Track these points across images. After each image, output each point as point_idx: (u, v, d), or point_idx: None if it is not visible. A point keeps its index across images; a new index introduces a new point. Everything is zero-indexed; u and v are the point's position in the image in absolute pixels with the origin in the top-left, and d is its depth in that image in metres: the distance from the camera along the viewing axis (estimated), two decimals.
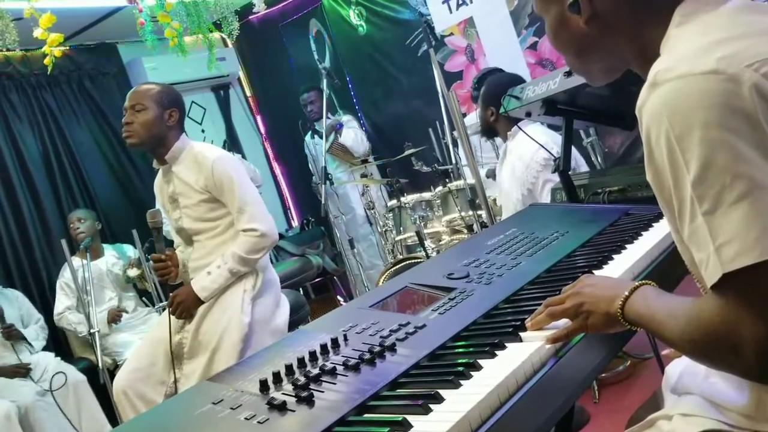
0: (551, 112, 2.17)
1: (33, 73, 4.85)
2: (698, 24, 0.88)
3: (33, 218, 4.64)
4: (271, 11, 5.84)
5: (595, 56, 1.03)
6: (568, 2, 0.97)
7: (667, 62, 0.83)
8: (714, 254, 0.76)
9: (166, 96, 2.55)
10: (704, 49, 0.81)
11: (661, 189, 0.85)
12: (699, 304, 0.83)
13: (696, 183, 0.77)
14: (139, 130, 2.50)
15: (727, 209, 0.75)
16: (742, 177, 0.74)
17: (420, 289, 1.45)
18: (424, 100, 4.89)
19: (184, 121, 2.63)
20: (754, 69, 0.77)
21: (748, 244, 0.73)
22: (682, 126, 0.78)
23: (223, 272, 2.47)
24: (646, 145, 0.85)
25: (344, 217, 5.05)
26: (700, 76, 0.78)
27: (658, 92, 0.81)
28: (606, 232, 1.65)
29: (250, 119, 6.40)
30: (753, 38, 0.81)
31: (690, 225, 0.79)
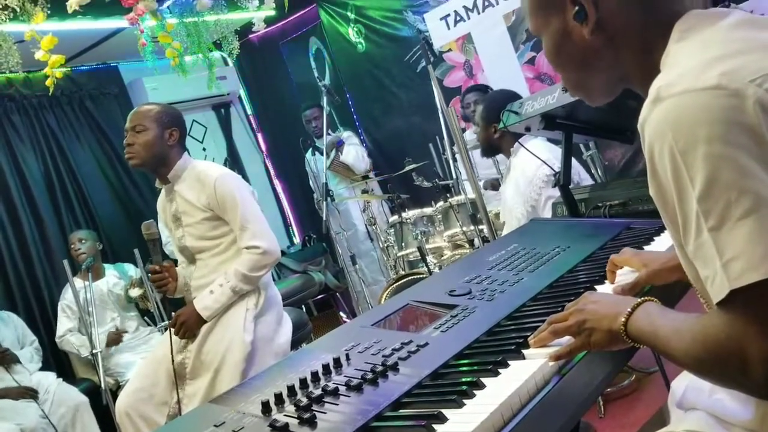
0: (550, 126, 2.18)
1: (35, 94, 4.87)
2: (698, 40, 0.88)
3: (35, 238, 4.65)
4: (271, 30, 5.88)
5: (597, 70, 1.02)
6: (574, 11, 0.97)
7: (668, 78, 0.83)
8: (721, 270, 0.76)
9: (166, 116, 2.56)
10: (706, 65, 0.81)
11: (664, 204, 0.85)
12: (705, 320, 0.82)
13: (701, 199, 0.77)
14: (140, 151, 2.52)
15: (734, 225, 0.74)
16: (747, 192, 0.74)
17: (422, 306, 1.44)
18: (424, 116, 4.91)
19: (185, 140, 2.65)
20: (757, 84, 0.77)
21: (754, 261, 0.73)
22: (686, 141, 0.78)
23: (225, 291, 2.47)
24: (649, 161, 0.84)
25: (346, 233, 5.04)
26: (703, 92, 0.78)
27: (661, 108, 0.81)
28: (607, 246, 1.64)
29: (251, 137, 6.43)
30: (754, 53, 0.81)
31: (695, 241, 0.79)
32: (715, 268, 0.76)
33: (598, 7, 0.95)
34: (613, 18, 0.95)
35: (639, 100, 0.95)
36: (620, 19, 0.95)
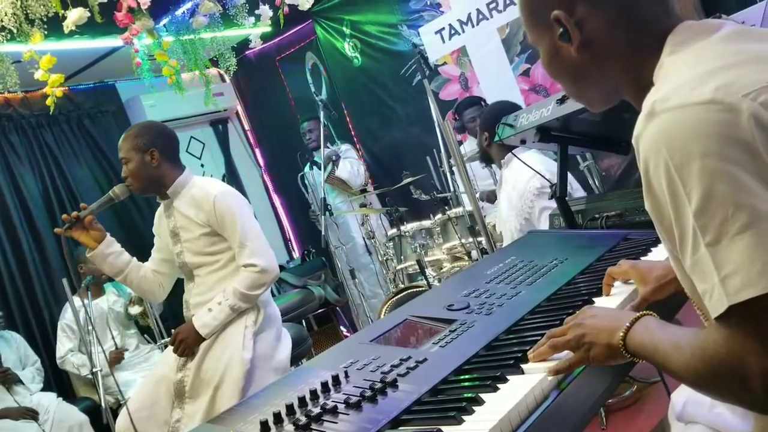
0: (545, 139, 2.18)
1: (33, 113, 4.89)
2: (691, 53, 0.88)
3: (34, 258, 4.65)
4: (268, 46, 5.91)
5: (590, 83, 1.04)
6: (559, 32, 0.98)
7: (662, 92, 0.84)
8: (719, 286, 0.76)
9: (142, 139, 2.54)
10: (699, 79, 0.81)
11: (660, 219, 0.85)
12: (704, 335, 0.82)
13: (698, 214, 0.77)
14: (133, 181, 2.56)
15: (731, 240, 0.75)
16: (744, 207, 0.74)
17: (420, 321, 1.44)
18: (421, 129, 4.93)
19: (175, 153, 2.61)
20: (752, 98, 0.77)
21: (752, 276, 0.73)
22: (681, 156, 0.78)
23: (224, 309, 2.46)
24: (644, 175, 0.85)
25: (345, 247, 5.05)
26: (698, 106, 0.78)
27: (656, 123, 0.82)
28: (605, 258, 1.65)
29: (249, 152, 6.44)
30: (747, 66, 0.81)
31: (693, 256, 0.79)
32: (713, 283, 0.77)
33: (582, 29, 0.96)
34: (599, 37, 0.96)
35: (633, 112, 0.95)
36: (606, 38, 0.96)
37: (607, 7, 0.95)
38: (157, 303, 2.83)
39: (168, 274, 2.74)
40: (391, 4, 5.13)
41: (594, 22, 0.96)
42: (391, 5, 5.14)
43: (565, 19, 0.96)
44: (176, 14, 4.49)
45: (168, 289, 2.78)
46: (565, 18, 0.96)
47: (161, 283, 2.75)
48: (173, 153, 2.61)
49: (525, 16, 1.05)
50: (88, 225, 2.56)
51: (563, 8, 0.96)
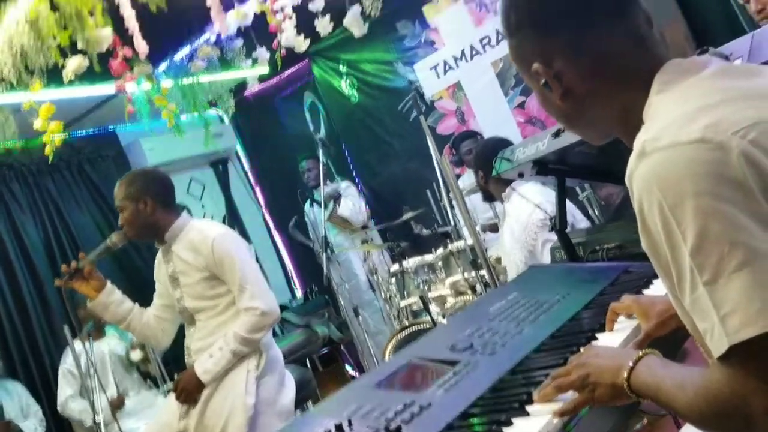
0: (543, 172, 2.19)
1: (33, 161, 4.91)
2: (679, 91, 0.89)
3: (35, 304, 4.63)
4: (266, 86, 5.97)
5: (581, 125, 1.06)
6: (541, 82, 1.00)
7: (652, 131, 0.84)
8: (718, 325, 0.75)
9: (134, 188, 2.55)
10: (688, 118, 0.82)
11: (657, 257, 0.85)
12: (707, 375, 0.82)
13: (694, 253, 0.77)
14: (129, 229, 2.57)
15: (728, 279, 0.74)
16: (739, 245, 0.74)
17: (424, 363, 1.43)
18: (420, 163, 4.94)
19: (169, 199, 2.60)
20: (741, 136, 0.77)
21: (751, 315, 0.73)
22: (674, 196, 0.78)
23: (225, 354, 2.44)
24: (639, 214, 0.85)
25: (347, 284, 5.03)
26: (688, 146, 0.79)
27: (647, 162, 0.82)
28: (607, 292, 1.64)
29: (249, 191, 6.46)
30: (735, 104, 0.82)
31: (691, 294, 0.79)
32: (712, 323, 0.76)
33: (562, 80, 0.97)
34: (579, 87, 0.98)
35: None
36: (587, 87, 0.97)
37: (583, 59, 0.96)
38: (160, 349, 2.81)
39: (171, 319, 2.72)
40: (386, 42, 5.21)
41: (572, 74, 0.97)
42: (386, 43, 5.21)
43: (543, 72, 0.98)
44: (174, 59, 4.56)
45: (172, 335, 2.76)
46: (543, 71, 0.98)
47: (164, 330, 2.73)
48: (167, 199, 2.59)
49: (514, 63, 1.07)
50: (87, 275, 2.56)
51: (542, 62, 0.98)
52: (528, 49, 1.00)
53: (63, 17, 2.80)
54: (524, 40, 1.01)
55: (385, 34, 5.15)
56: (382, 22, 4.95)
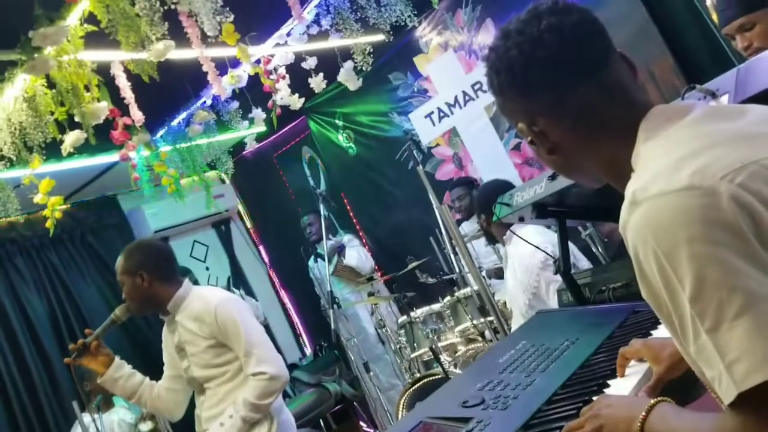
0: (543, 215, 2.19)
1: (36, 234, 4.93)
2: (664, 139, 0.90)
3: (42, 380, 4.58)
4: (264, 144, 6.04)
5: (573, 174, 1.08)
6: (529, 139, 1.03)
7: (641, 181, 0.85)
8: (725, 373, 0.75)
9: (130, 263, 2.53)
10: (675, 165, 0.82)
11: (658, 306, 0.84)
12: (720, 423, 0.81)
13: (693, 301, 0.77)
14: (131, 304, 2.55)
15: (730, 326, 0.74)
16: (737, 290, 0.74)
17: (436, 423, 1.40)
18: (422, 211, 4.94)
19: (167, 272, 2.56)
20: (729, 180, 0.78)
21: (757, 362, 0.72)
22: (669, 244, 0.78)
23: (235, 422, 2.39)
24: (636, 263, 0.84)
25: (356, 338, 4.97)
26: (677, 193, 0.79)
27: (639, 212, 0.82)
28: (616, 335, 1.61)
29: (253, 250, 6.47)
30: (721, 148, 0.82)
31: (695, 343, 0.78)
32: (719, 371, 0.76)
33: (547, 137, 1.00)
34: (565, 143, 1.00)
35: None
36: (572, 143, 0.99)
37: (565, 117, 0.98)
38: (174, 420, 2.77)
39: (182, 390, 2.68)
40: (380, 94, 5.28)
41: (556, 131, 0.99)
42: (380, 95, 5.28)
43: (527, 131, 1.01)
44: (172, 125, 4.63)
45: (184, 405, 2.72)
46: (527, 130, 1.01)
47: (177, 401, 2.70)
48: (165, 271, 2.56)
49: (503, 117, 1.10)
50: (94, 351, 2.54)
51: (524, 121, 1.01)
52: (512, 109, 1.04)
53: (59, 93, 2.85)
54: (508, 101, 1.04)
55: (378, 85, 5.23)
56: (375, 75, 5.03)
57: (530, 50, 0.97)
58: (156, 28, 2.77)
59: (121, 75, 3.29)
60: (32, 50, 2.65)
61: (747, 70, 1.45)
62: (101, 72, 2.98)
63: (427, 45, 4.95)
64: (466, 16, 4.70)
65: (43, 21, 2.54)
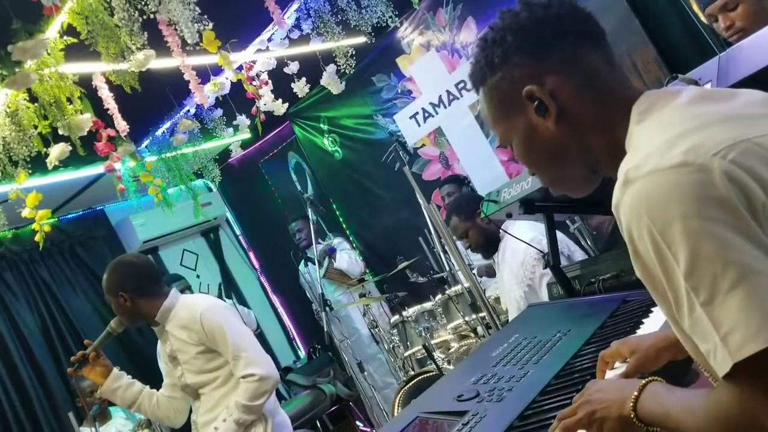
0: (530, 210, 2.20)
1: (24, 249, 4.91)
2: (656, 120, 0.91)
3: (38, 393, 4.56)
4: (249, 151, 6.03)
5: (570, 161, 1.04)
6: (534, 106, 1.00)
7: (634, 160, 0.86)
8: (720, 345, 0.76)
9: (110, 283, 2.54)
10: (668, 144, 0.83)
11: (653, 284, 0.85)
12: (715, 396, 0.81)
13: (688, 275, 0.78)
14: (121, 320, 2.58)
15: (724, 298, 0.75)
16: (731, 263, 0.75)
17: (432, 417, 1.41)
18: (410, 211, 4.97)
19: (148, 288, 2.55)
20: (721, 156, 0.79)
21: (751, 331, 0.73)
22: (663, 221, 0.79)
23: (229, 426, 2.41)
24: (630, 243, 0.85)
25: (349, 339, 4.97)
26: (670, 170, 0.80)
27: (632, 190, 0.83)
28: (607, 324, 1.63)
29: (243, 256, 6.45)
30: (713, 127, 0.84)
31: (690, 317, 0.79)
32: (714, 343, 0.76)
33: (555, 97, 0.99)
34: (572, 104, 0.99)
35: None
36: (579, 104, 0.99)
37: (574, 72, 0.99)
38: (176, 427, 2.79)
39: (182, 398, 2.70)
40: (364, 96, 5.29)
41: (565, 89, 0.99)
42: (364, 97, 5.29)
43: (538, 92, 0.99)
44: (156, 135, 4.62)
45: (185, 412, 2.73)
46: (538, 90, 0.99)
47: (177, 409, 2.71)
48: (146, 288, 2.55)
49: (492, 107, 1.07)
50: (92, 362, 2.57)
51: (534, 82, 1.00)
52: (516, 76, 1.01)
53: (42, 107, 2.84)
54: (512, 68, 1.02)
55: (362, 88, 5.24)
56: (358, 77, 5.05)
57: (542, 10, 1.01)
58: (136, 38, 2.77)
59: (103, 86, 3.28)
60: (12, 64, 2.64)
61: (728, 59, 1.47)
62: (83, 84, 2.97)
63: (409, 45, 4.97)
64: (448, 15, 4.73)
65: (21, 34, 2.53)
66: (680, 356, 1.21)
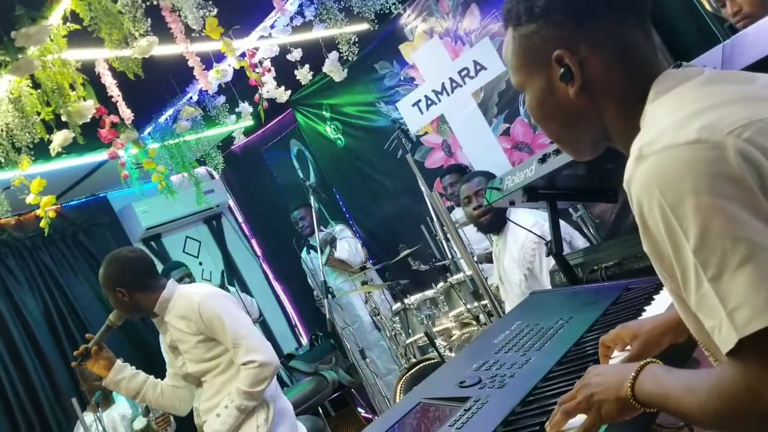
0: (533, 198, 2.20)
1: (27, 235, 4.92)
2: (673, 98, 0.91)
3: (41, 380, 4.58)
4: (252, 139, 6.03)
5: (581, 128, 1.04)
6: (560, 72, 0.98)
7: (649, 136, 0.86)
8: (726, 320, 0.76)
9: (108, 279, 2.55)
10: (683, 121, 0.84)
11: (660, 259, 0.85)
12: (718, 373, 0.81)
13: (697, 250, 0.78)
14: (120, 313, 2.60)
15: (733, 274, 0.75)
16: (741, 240, 0.75)
17: (434, 403, 1.42)
18: (412, 199, 4.97)
19: (145, 282, 2.56)
20: (736, 135, 0.79)
21: (759, 307, 0.73)
22: (674, 196, 0.79)
23: (231, 412, 2.43)
24: (639, 218, 0.85)
25: (351, 327, 5.00)
26: (685, 147, 0.80)
27: (645, 165, 0.83)
28: (609, 312, 1.63)
29: (246, 244, 6.47)
30: (729, 107, 0.84)
31: (697, 293, 0.79)
32: (720, 319, 0.77)
33: (584, 68, 0.98)
34: (598, 79, 0.98)
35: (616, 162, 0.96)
36: (605, 80, 0.98)
37: (609, 48, 0.97)
38: (181, 415, 2.81)
39: (186, 386, 2.73)
40: (366, 84, 5.27)
41: (596, 63, 0.97)
42: (366, 84, 5.27)
43: (569, 58, 0.97)
44: (159, 122, 4.61)
45: (190, 401, 2.76)
46: (569, 57, 0.97)
47: (181, 398, 2.74)
48: (142, 282, 2.56)
49: (517, 55, 1.04)
50: (95, 355, 2.60)
51: (566, 47, 0.98)
52: (551, 35, 0.99)
53: (45, 93, 2.83)
54: (550, 25, 0.99)
55: (364, 75, 5.22)
56: (361, 65, 5.03)
57: None
58: (139, 24, 2.76)
59: (106, 73, 3.27)
60: (15, 51, 2.63)
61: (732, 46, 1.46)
62: (86, 71, 2.97)
63: (412, 32, 4.95)
64: (451, 1, 4.70)
65: (25, 21, 2.53)
66: (681, 339, 1.22)
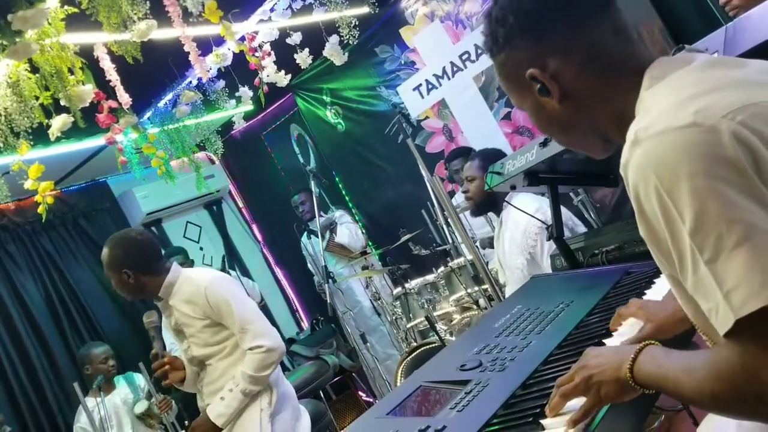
0: (534, 182, 2.20)
1: (27, 220, 4.91)
2: (668, 83, 0.91)
3: (43, 365, 4.60)
4: (252, 123, 6.01)
5: (580, 133, 1.06)
6: (537, 88, 1.01)
7: (644, 121, 0.86)
8: (723, 302, 0.76)
9: (114, 261, 2.55)
10: (679, 105, 0.84)
11: (657, 243, 0.86)
12: (715, 354, 0.82)
13: (693, 233, 0.78)
14: (122, 295, 2.62)
15: (729, 255, 0.76)
16: (737, 222, 0.75)
17: (435, 386, 1.42)
18: (413, 184, 4.96)
19: (150, 264, 2.56)
20: (730, 118, 0.80)
21: (755, 288, 0.74)
22: (670, 179, 0.80)
23: (236, 395, 2.44)
24: (635, 202, 0.86)
25: (352, 311, 5.01)
26: (680, 130, 0.81)
27: (641, 149, 0.84)
28: (610, 296, 1.64)
29: (246, 229, 6.47)
30: (723, 91, 0.84)
31: (693, 275, 0.80)
32: (716, 300, 0.77)
33: (559, 80, 0.99)
34: (576, 84, 0.99)
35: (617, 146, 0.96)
36: (582, 83, 0.99)
37: (576, 53, 0.99)
38: None
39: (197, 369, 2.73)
40: (367, 68, 5.24)
41: (568, 72, 0.99)
42: (367, 69, 5.25)
43: (540, 76, 1.00)
44: (159, 106, 4.59)
45: None
46: (539, 74, 1.00)
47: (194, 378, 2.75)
48: (148, 264, 2.56)
49: (503, 81, 1.09)
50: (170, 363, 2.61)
51: (535, 65, 1.00)
52: (520, 58, 1.02)
53: (43, 77, 2.82)
54: (515, 51, 1.03)
55: (365, 59, 5.19)
56: (361, 49, 5.00)
57: None
58: (137, 7, 2.74)
59: (105, 57, 3.25)
60: (13, 34, 2.62)
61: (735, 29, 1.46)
62: (84, 55, 2.95)
63: (413, 16, 4.91)
64: None
65: (22, 4, 2.51)
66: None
